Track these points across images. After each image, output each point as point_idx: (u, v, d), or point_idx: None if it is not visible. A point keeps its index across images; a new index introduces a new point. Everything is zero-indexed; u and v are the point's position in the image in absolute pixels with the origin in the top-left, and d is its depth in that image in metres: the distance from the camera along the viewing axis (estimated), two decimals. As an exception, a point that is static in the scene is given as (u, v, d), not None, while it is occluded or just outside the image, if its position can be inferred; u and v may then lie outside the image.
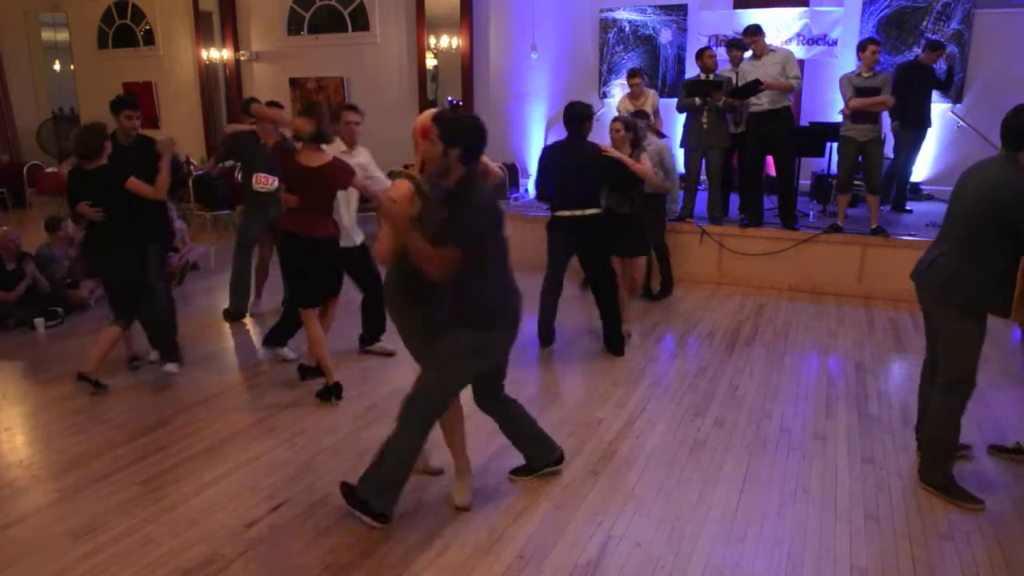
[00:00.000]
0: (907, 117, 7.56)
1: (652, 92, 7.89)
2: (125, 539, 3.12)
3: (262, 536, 3.14)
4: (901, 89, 7.19)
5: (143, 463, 3.78)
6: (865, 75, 6.60)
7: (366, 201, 4.94)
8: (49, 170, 12.12)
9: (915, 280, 3.52)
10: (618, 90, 10.06)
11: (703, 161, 7.31)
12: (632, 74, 7.84)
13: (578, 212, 5.08)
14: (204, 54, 12.57)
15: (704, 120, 7.08)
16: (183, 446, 3.96)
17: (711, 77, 7.18)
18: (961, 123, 8.57)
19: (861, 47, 6.69)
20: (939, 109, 8.68)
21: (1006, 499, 3.39)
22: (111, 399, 4.59)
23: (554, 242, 5.26)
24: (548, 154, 5.29)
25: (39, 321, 6.03)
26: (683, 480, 3.59)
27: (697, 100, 7.06)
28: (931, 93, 7.67)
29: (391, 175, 3.07)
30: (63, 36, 14.44)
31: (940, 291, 3.32)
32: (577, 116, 5.14)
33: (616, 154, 5.12)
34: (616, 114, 7.67)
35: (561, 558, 2.99)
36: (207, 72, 12.71)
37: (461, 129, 2.91)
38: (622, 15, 9.94)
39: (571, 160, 5.10)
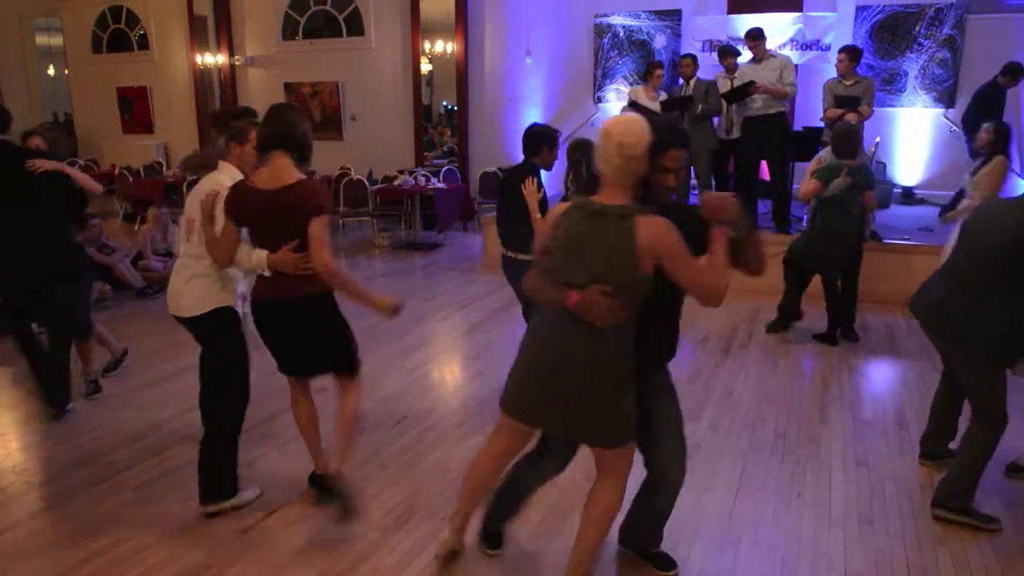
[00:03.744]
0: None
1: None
2: (119, 546, 3.10)
3: (256, 542, 3.13)
4: (978, 112, 7.36)
5: (136, 468, 3.76)
6: (847, 83, 6.66)
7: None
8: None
9: (920, 316, 3.40)
10: (613, 95, 10.10)
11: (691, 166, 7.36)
12: (657, 65, 7.61)
13: (505, 252, 4.35)
14: (199, 59, 12.57)
15: (684, 123, 7.16)
16: (176, 451, 3.94)
17: (674, 94, 7.29)
18: (953, 128, 8.61)
19: None
20: (931, 114, 8.74)
21: (998, 503, 3.40)
22: (103, 405, 4.57)
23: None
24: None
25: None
26: (678, 485, 3.59)
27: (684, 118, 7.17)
28: (1001, 115, 7.71)
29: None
30: (57, 41, 14.43)
31: (955, 334, 3.20)
32: (527, 143, 4.26)
33: (527, 195, 4.02)
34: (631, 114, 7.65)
35: (557, 563, 2.98)
36: (202, 77, 12.72)
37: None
38: (616, 20, 9.96)
39: (501, 193, 4.45)
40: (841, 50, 6.86)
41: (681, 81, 7.42)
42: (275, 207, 2.90)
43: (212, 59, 12.55)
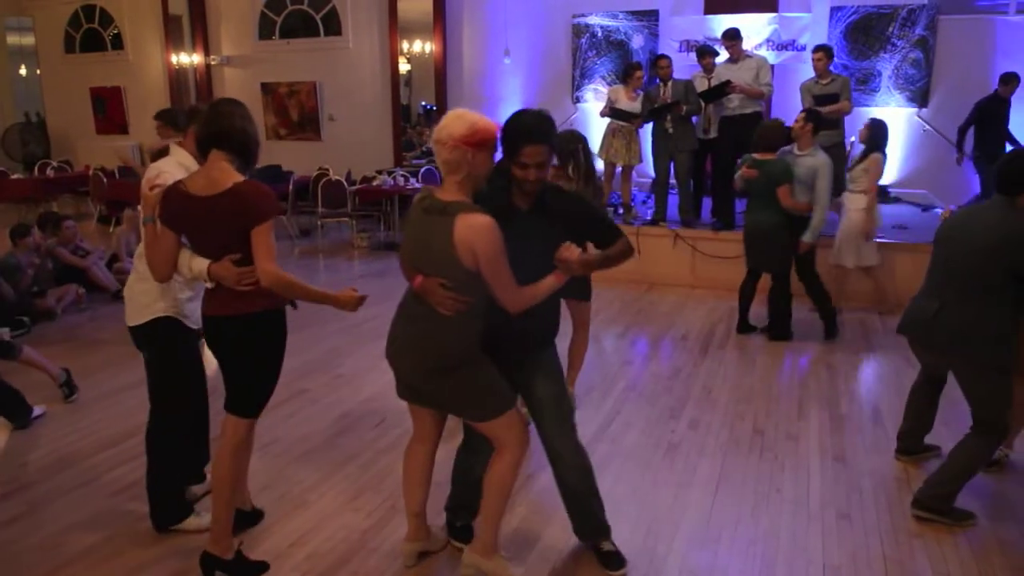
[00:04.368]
0: (988, 150, 7.71)
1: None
2: (95, 552, 3.06)
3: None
4: (982, 123, 7.56)
5: (113, 474, 3.71)
6: (823, 82, 6.73)
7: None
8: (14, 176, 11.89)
9: (913, 334, 3.41)
10: (591, 95, 10.13)
11: (671, 165, 7.39)
12: (636, 67, 7.63)
13: None
14: (174, 59, 12.44)
15: (668, 125, 7.19)
16: (154, 456, 3.89)
17: (651, 95, 7.34)
18: (927, 127, 8.73)
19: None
20: (905, 113, 8.85)
21: (973, 497, 3.44)
22: (80, 410, 4.51)
23: None
24: None
25: (3, 331, 5.88)
26: (658, 483, 3.61)
27: (668, 120, 7.19)
28: (1007, 125, 7.86)
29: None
30: (29, 40, 14.23)
31: (953, 346, 3.21)
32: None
33: None
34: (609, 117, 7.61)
35: (538, 562, 2.99)
36: (177, 77, 12.59)
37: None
38: (594, 20, 10.00)
39: None
40: (817, 49, 6.94)
41: (658, 81, 7.45)
42: (212, 215, 2.58)
43: (188, 59, 12.43)
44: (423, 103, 13.18)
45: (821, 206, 5.40)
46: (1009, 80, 7.67)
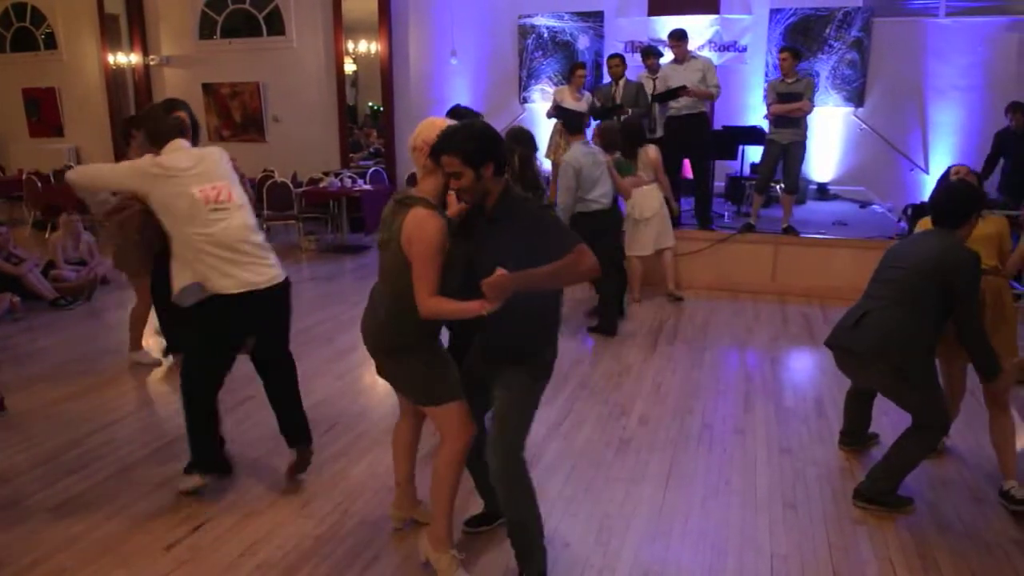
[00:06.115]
0: (1012, 183, 7.77)
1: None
2: (35, 569, 2.96)
3: (183, 558, 3.03)
4: (999, 156, 7.60)
5: (52, 488, 3.59)
6: (788, 81, 6.87)
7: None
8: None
9: (836, 345, 3.49)
10: (538, 95, 10.18)
11: None
12: (579, 66, 7.72)
13: None
14: (111, 58, 12.09)
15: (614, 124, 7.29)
16: (95, 468, 3.78)
17: (602, 92, 7.48)
18: (864, 126, 9.00)
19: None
20: (842, 113, 9.11)
21: (913, 484, 3.56)
22: (17, 423, 4.35)
23: None
24: None
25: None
26: (610, 479, 3.65)
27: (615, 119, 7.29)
28: None
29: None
30: (-46, 39, 13.66)
31: (871, 354, 3.29)
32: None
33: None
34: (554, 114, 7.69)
35: (492, 562, 3.00)
36: (114, 77, 12.24)
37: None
38: (540, 21, 10.05)
39: None
40: (783, 49, 7.03)
41: (609, 80, 7.53)
42: None
43: (125, 59, 12.09)
44: (370, 104, 13.09)
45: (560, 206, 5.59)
46: (1014, 109, 7.70)
